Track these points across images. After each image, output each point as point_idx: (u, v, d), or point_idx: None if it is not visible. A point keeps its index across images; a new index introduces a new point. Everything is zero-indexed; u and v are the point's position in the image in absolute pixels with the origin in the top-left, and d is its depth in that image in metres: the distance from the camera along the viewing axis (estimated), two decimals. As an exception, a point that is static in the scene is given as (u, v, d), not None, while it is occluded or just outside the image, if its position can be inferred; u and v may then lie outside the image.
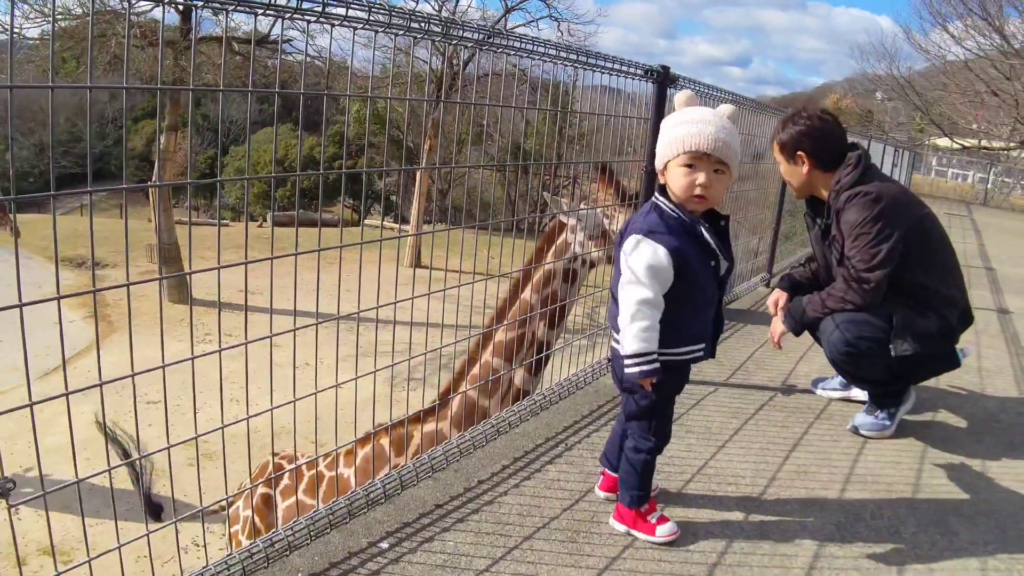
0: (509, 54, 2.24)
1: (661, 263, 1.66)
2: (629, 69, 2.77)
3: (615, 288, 1.77)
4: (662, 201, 1.74)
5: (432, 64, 17.86)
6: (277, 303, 1.86)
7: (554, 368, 2.89)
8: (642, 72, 2.85)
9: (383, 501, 1.93)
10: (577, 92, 3.12)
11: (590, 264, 2.85)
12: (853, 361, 2.54)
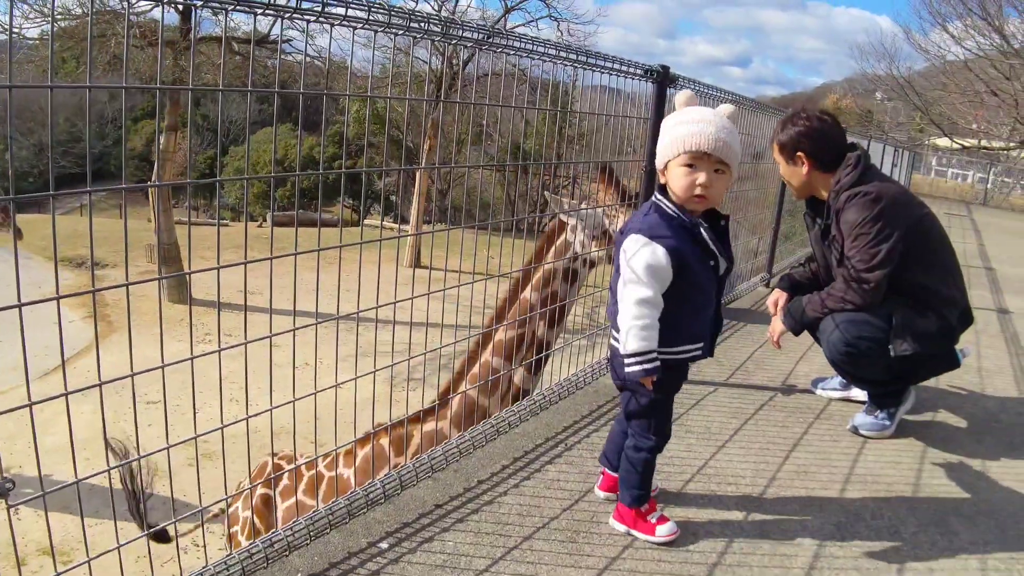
0: (509, 54, 2.24)
1: (660, 263, 1.67)
2: (629, 69, 2.77)
3: (615, 287, 1.77)
4: (662, 201, 1.75)
5: (432, 64, 17.86)
6: (277, 303, 1.86)
7: (554, 368, 2.90)
8: (642, 72, 2.85)
9: (383, 501, 1.93)
10: (577, 92, 3.12)
11: (590, 264, 2.85)
12: (853, 361, 2.54)
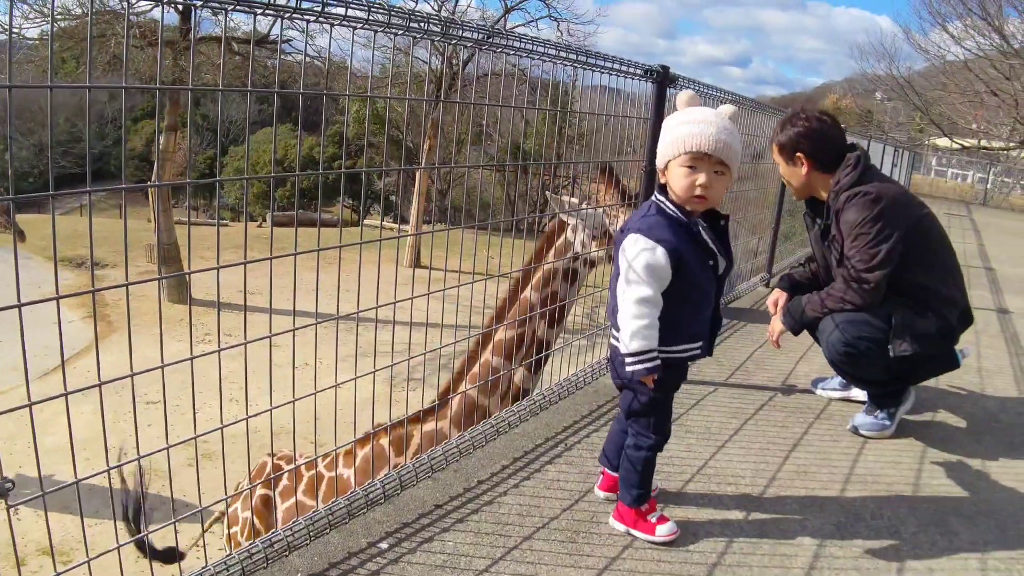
0: (509, 54, 2.24)
1: (659, 262, 1.67)
2: (629, 69, 2.77)
3: (615, 286, 1.77)
4: (661, 200, 1.75)
5: (432, 64, 17.85)
6: (276, 303, 1.86)
7: (554, 368, 2.89)
8: (642, 72, 2.85)
9: (382, 501, 1.93)
10: (577, 92, 3.12)
11: (591, 264, 2.85)
12: (852, 361, 2.54)
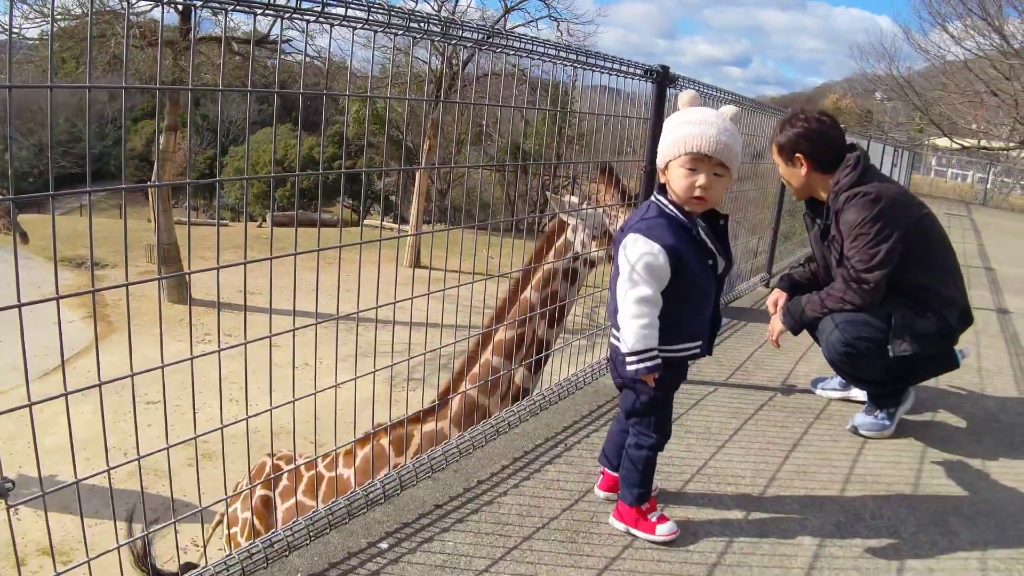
0: (509, 54, 2.24)
1: (658, 261, 1.68)
2: (629, 69, 2.77)
3: (615, 286, 1.78)
4: (660, 200, 1.76)
5: (431, 64, 17.85)
6: (276, 303, 1.86)
7: (553, 368, 2.89)
8: (642, 72, 2.85)
9: (382, 501, 1.93)
10: (577, 92, 3.12)
11: (591, 264, 2.85)
12: (852, 361, 2.54)
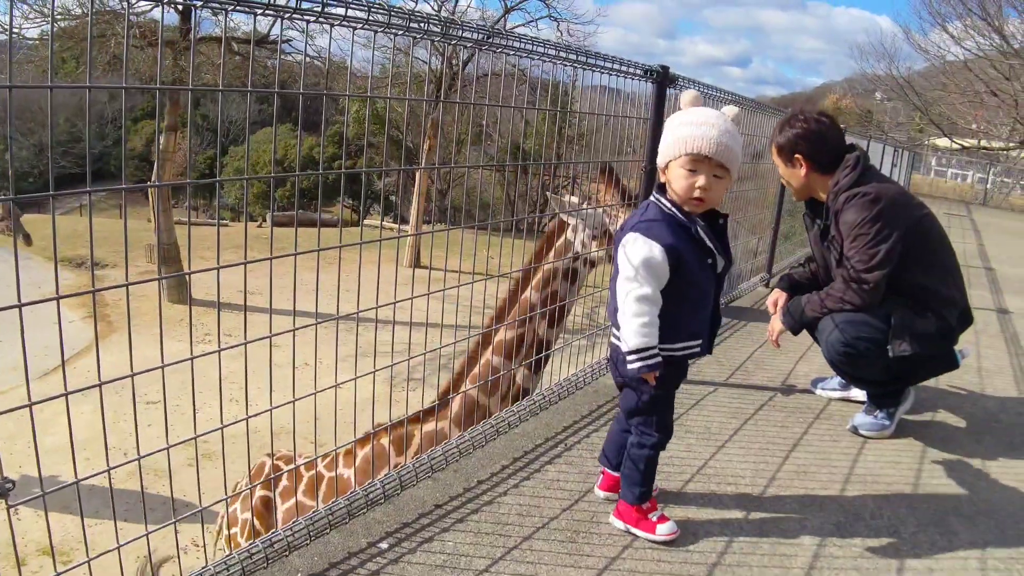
0: (509, 54, 2.24)
1: (656, 260, 1.68)
2: (629, 69, 2.77)
3: (615, 286, 1.78)
4: (660, 200, 1.76)
5: (432, 64, 17.85)
6: (277, 303, 1.86)
7: (554, 368, 2.90)
8: (642, 72, 2.85)
9: (382, 501, 1.93)
10: (577, 92, 3.12)
11: (591, 264, 2.85)
12: (851, 361, 2.54)
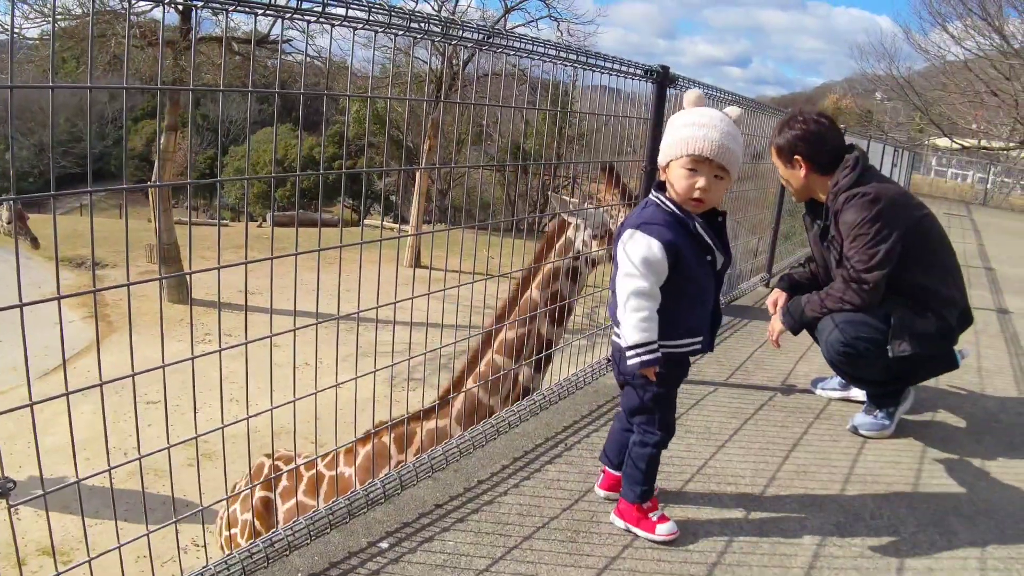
0: (509, 54, 2.25)
1: (655, 256, 1.69)
2: (629, 69, 2.77)
3: (615, 285, 1.78)
4: (659, 198, 1.77)
5: (432, 64, 17.84)
6: (277, 303, 1.86)
7: (554, 368, 2.90)
8: (642, 72, 2.85)
9: (383, 501, 1.93)
10: (577, 92, 3.12)
11: (593, 263, 2.85)
12: (851, 361, 2.54)
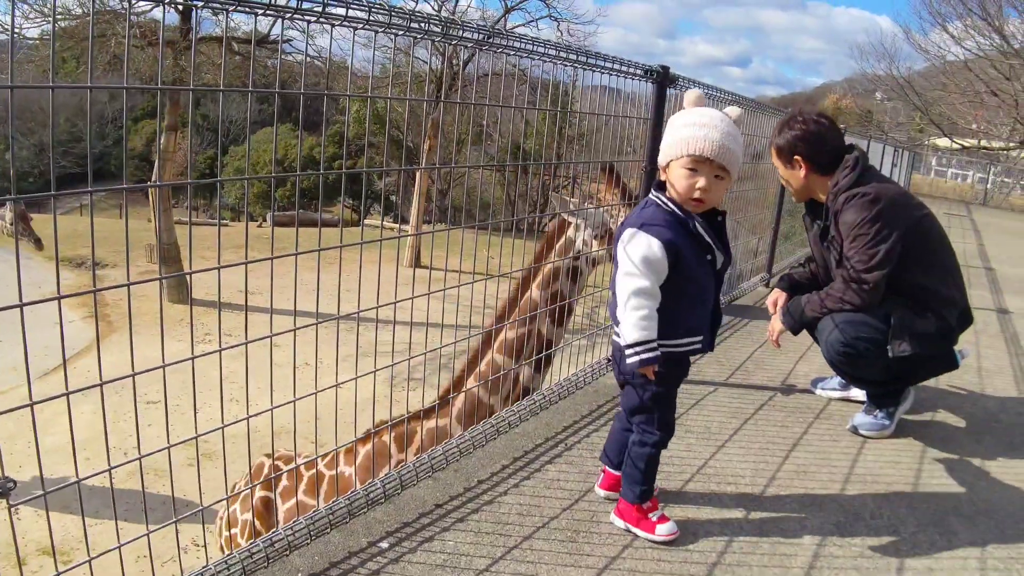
0: (509, 54, 2.25)
1: (655, 254, 1.69)
2: (629, 69, 2.77)
3: (615, 282, 1.79)
4: (658, 197, 1.77)
5: (432, 64, 17.84)
6: (277, 303, 1.86)
7: (554, 368, 2.90)
8: (642, 72, 2.85)
9: (383, 501, 1.93)
10: (577, 92, 3.13)
11: (593, 262, 2.86)
12: (851, 361, 2.54)
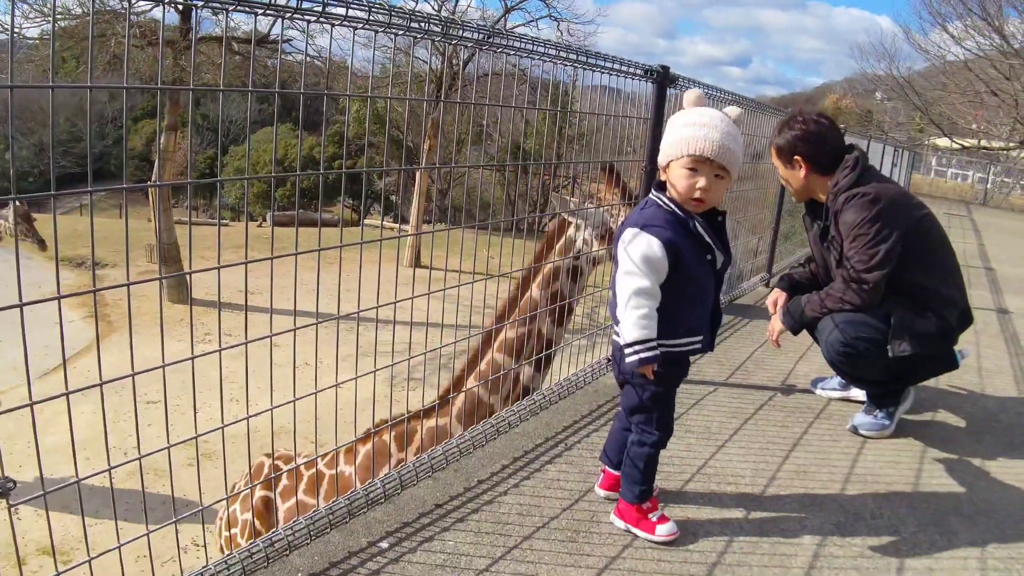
0: (509, 54, 2.25)
1: (655, 254, 1.69)
2: (629, 69, 2.77)
3: (615, 282, 1.79)
4: (659, 197, 1.77)
5: (432, 64, 17.84)
6: (277, 303, 1.86)
7: (554, 368, 2.90)
8: (642, 72, 2.85)
9: (383, 501, 1.93)
10: (577, 92, 3.13)
11: (594, 262, 2.86)
12: (851, 361, 2.54)
